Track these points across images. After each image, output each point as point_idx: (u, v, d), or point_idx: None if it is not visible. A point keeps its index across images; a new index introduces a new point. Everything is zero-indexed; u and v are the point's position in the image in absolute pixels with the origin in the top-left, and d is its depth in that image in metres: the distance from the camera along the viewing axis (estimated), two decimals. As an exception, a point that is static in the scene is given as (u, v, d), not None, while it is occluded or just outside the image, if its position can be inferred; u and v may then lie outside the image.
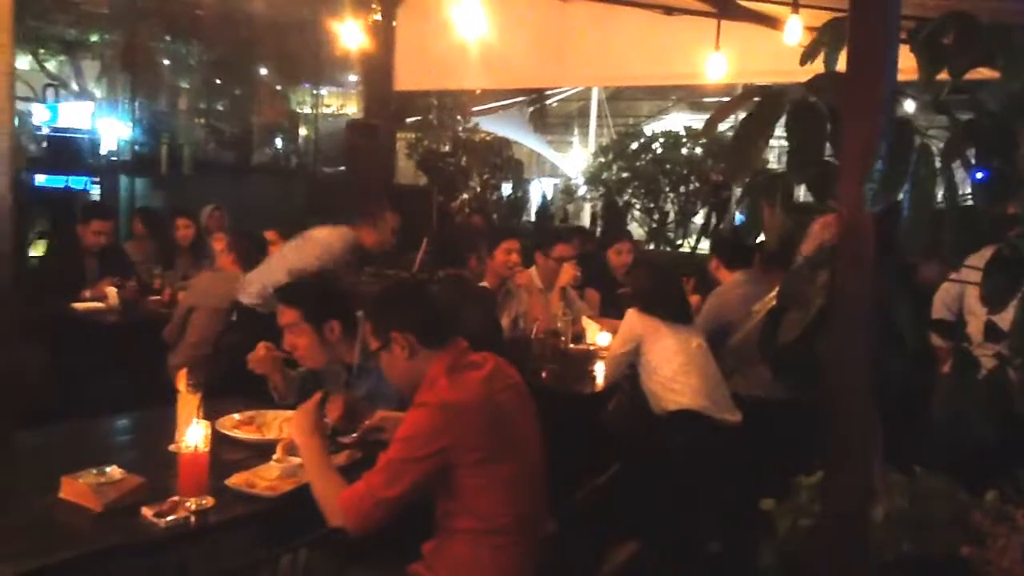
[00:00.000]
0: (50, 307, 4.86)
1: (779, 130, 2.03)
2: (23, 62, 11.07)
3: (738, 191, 11.08)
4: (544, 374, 4.13)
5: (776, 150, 12.12)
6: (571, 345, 4.62)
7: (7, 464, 2.34)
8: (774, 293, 2.10)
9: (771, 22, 5.95)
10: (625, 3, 7.05)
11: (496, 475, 2.29)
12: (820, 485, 2.12)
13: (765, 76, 6.12)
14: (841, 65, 1.94)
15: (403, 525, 2.29)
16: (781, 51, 4.92)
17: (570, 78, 10.23)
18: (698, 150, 11.53)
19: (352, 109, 15.84)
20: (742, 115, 2.08)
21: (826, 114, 1.92)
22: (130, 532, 2.17)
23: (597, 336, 4.78)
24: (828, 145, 1.94)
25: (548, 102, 17.87)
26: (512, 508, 2.33)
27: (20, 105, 10.24)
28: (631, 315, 3.96)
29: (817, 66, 2.08)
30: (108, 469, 2.32)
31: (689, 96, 17.19)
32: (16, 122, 4.68)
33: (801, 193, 2.12)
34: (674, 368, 3.80)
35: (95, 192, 9.49)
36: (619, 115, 18.35)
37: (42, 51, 11.54)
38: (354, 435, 2.71)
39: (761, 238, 2.24)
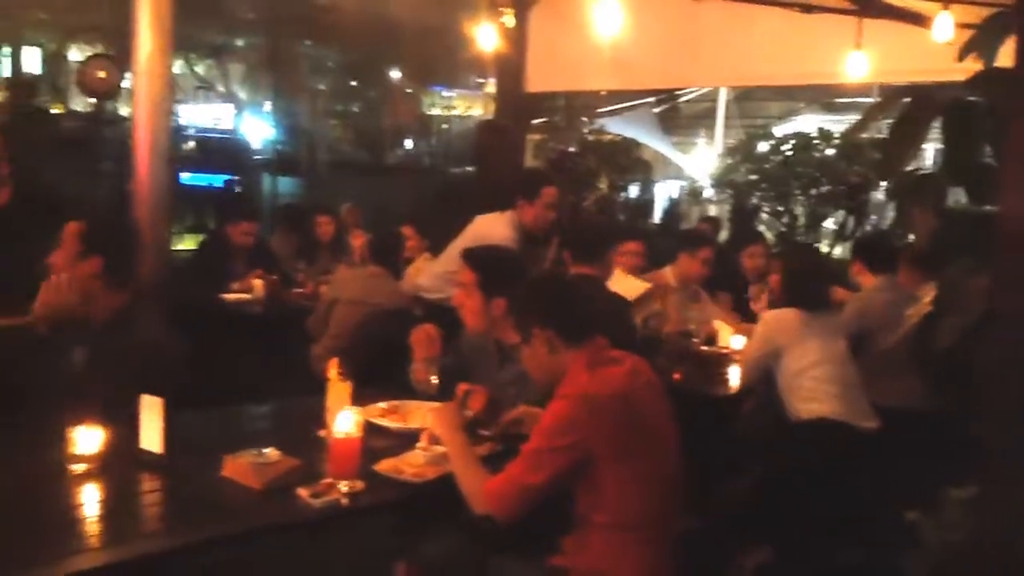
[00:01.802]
0: (201, 298, 5.15)
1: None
2: (175, 66, 11.72)
3: (877, 194, 10.74)
4: (677, 375, 4.12)
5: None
6: (703, 347, 4.59)
7: (171, 442, 2.49)
8: (929, 298, 2.05)
9: (917, 19, 5.75)
10: (760, 2, 6.94)
11: (634, 471, 2.32)
12: (973, 500, 2.06)
13: (909, 75, 5.93)
14: (1002, 61, 1.87)
15: (544, 518, 2.34)
16: (927, 48, 4.75)
17: (701, 78, 10.13)
18: (830, 152, 11.21)
19: (478, 111, 16.09)
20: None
21: (986, 113, 1.87)
22: (288, 511, 2.28)
23: (730, 339, 4.73)
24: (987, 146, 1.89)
25: (675, 103, 17.69)
26: (649, 504, 2.35)
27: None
28: (770, 317, 3.89)
29: (968, 64, 2.02)
30: (266, 451, 2.45)
31: (820, 97, 16.72)
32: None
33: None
34: (814, 375, 3.71)
35: (237, 190, 9.95)
36: (747, 116, 18.00)
37: (192, 55, 12.16)
38: (495, 428, 2.78)
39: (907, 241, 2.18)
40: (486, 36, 7.69)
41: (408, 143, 14.05)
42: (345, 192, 7.90)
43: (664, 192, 16.11)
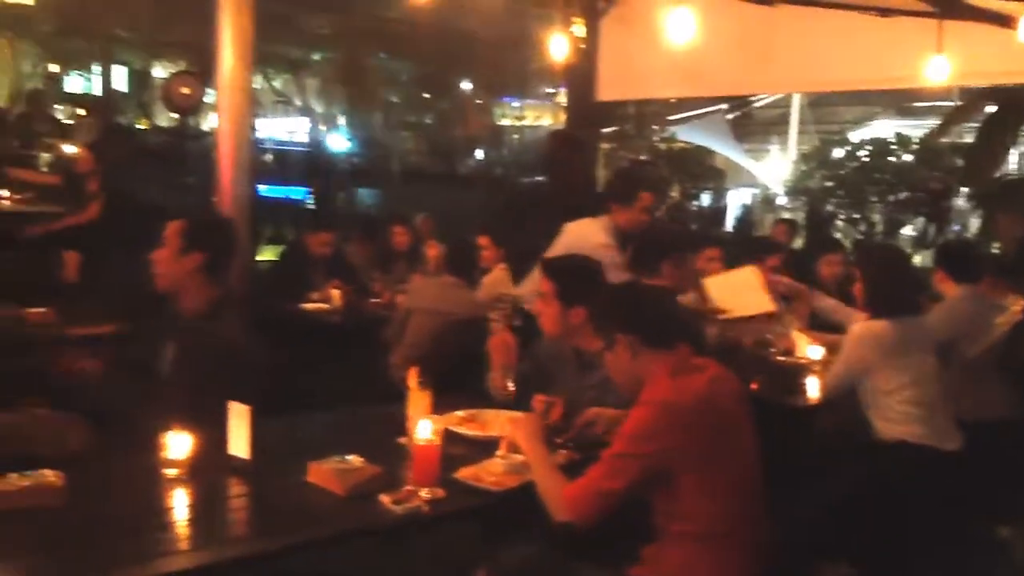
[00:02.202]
0: (281, 307, 5.27)
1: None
2: (255, 81, 12.01)
3: (959, 200, 10.48)
4: (754, 385, 4.07)
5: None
6: (781, 357, 4.52)
7: (257, 448, 2.55)
8: (1019, 306, 2.00)
9: (1001, 20, 5.60)
10: (835, 5, 6.84)
11: (715, 480, 2.31)
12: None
13: (993, 78, 5.78)
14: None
15: (623, 527, 2.34)
16: (1013, 50, 4.63)
17: (774, 85, 10.01)
18: (908, 157, 10.96)
19: (548, 121, 16.16)
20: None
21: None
22: (370, 517, 2.32)
23: (807, 349, 4.65)
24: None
25: (747, 109, 17.49)
26: (729, 514, 2.34)
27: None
28: (859, 332, 3.70)
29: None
30: (349, 457, 2.50)
31: (897, 101, 16.36)
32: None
33: None
34: (902, 398, 3.55)
35: (312, 202, 10.16)
36: (821, 122, 17.70)
37: (270, 70, 12.46)
38: (569, 433, 2.80)
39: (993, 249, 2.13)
40: (557, 46, 7.73)
41: (479, 153, 14.17)
42: (419, 202, 8.01)
43: (736, 200, 15.92)
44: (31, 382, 3.07)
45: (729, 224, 14.17)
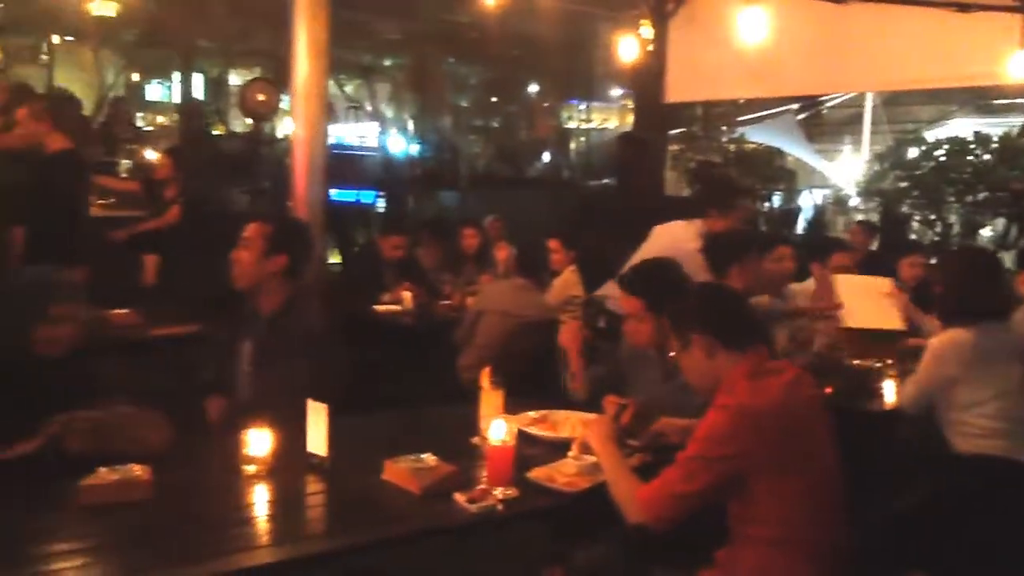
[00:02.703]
0: (354, 309, 5.36)
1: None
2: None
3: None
4: (828, 389, 4.00)
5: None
6: (855, 361, 4.44)
7: (335, 447, 2.60)
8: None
9: (1088, 14, 5.44)
10: (911, 2, 6.71)
11: (791, 484, 2.28)
12: None
13: (1080, 74, 5.59)
14: None
15: (697, 530, 2.33)
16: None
17: (847, 84, 9.84)
18: (987, 156, 10.66)
19: (614, 123, 16.11)
20: None
21: None
22: (446, 515, 2.35)
23: (883, 352, 4.56)
24: None
25: (819, 109, 17.19)
26: (807, 519, 2.31)
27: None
28: (942, 342, 3.53)
29: None
30: (424, 456, 2.54)
31: (975, 99, 15.91)
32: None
33: None
34: (985, 412, 3.41)
35: (381, 205, 10.29)
36: (895, 121, 17.29)
37: (342, 76, 12.67)
38: (642, 439, 2.79)
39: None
40: (625, 48, 7.72)
41: (546, 156, 14.21)
42: (487, 205, 8.06)
43: (808, 201, 15.66)
44: (116, 381, 3.16)
45: (801, 226, 13.94)
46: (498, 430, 2.48)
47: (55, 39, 10.53)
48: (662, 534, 2.31)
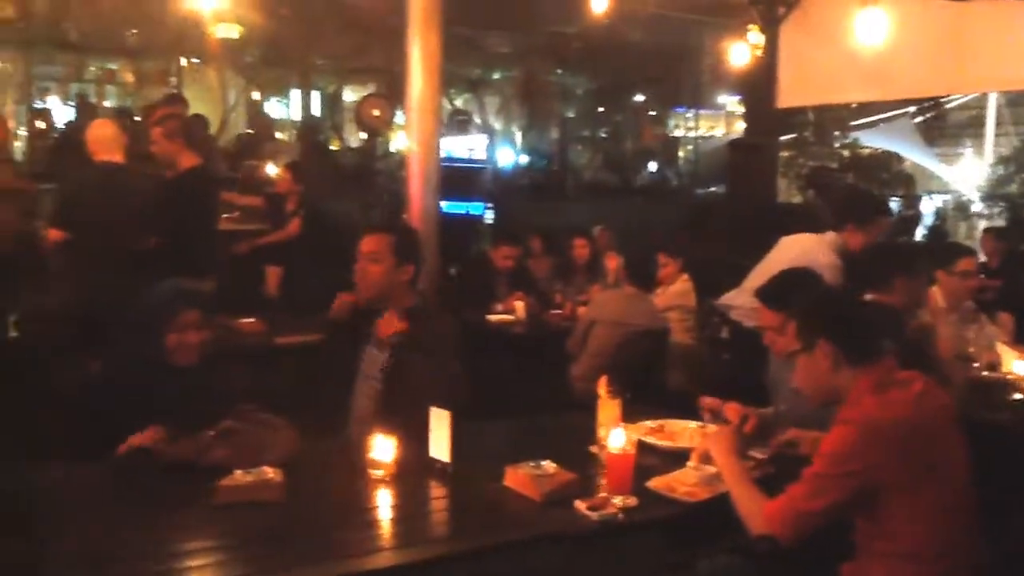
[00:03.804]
0: (467, 319, 5.44)
1: None
2: (438, 101, 12.50)
3: None
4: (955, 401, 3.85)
5: None
6: (985, 373, 4.27)
7: (457, 452, 2.66)
8: None
9: None
10: (1037, -3, 6.43)
11: (922, 500, 2.22)
12: None
13: None
14: None
15: (822, 543, 2.29)
16: None
17: (968, 84, 9.47)
18: None
19: (721, 131, 15.91)
20: None
21: None
22: (566, 522, 2.36)
23: (1013, 364, 4.36)
24: None
25: (938, 112, 16.57)
26: (938, 535, 2.24)
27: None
28: None
29: None
30: (544, 463, 2.57)
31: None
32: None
33: None
34: None
35: (490, 216, 10.39)
36: (1021, 122, 16.52)
37: (452, 90, 12.90)
38: (766, 450, 2.76)
39: None
40: (736, 54, 7.63)
41: (652, 165, 14.13)
42: (596, 215, 8.06)
43: (928, 207, 15.09)
44: (244, 388, 3.28)
45: (921, 233, 13.45)
46: (618, 439, 2.49)
47: (182, 61, 11.09)
48: (787, 547, 2.27)
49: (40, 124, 10.21)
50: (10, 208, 6.68)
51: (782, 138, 12.38)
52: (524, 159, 12.23)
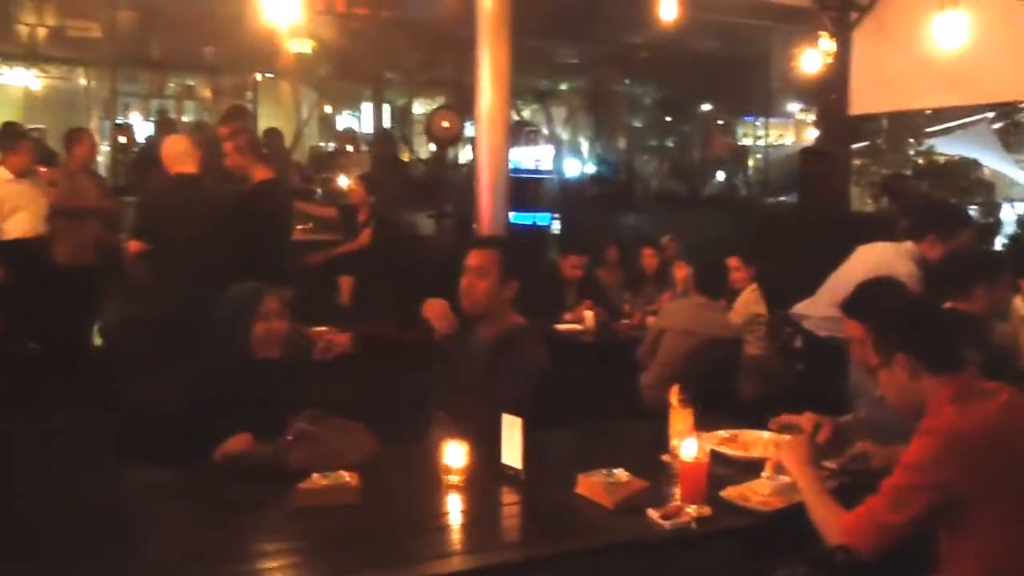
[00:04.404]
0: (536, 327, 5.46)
1: None
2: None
3: None
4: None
5: None
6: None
7: (529, 459, 2.68)
8: None
9: None
10: None
11: (1009, 512, 2.15)
12: None
13: None
14: None
15: (902, 555, 2.25)
16: None
17: (1053, 87, 9.19)
18: None
19: (790, 139, 15.70)
20: None
21: None
22: (639, 530, 2.36)
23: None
24: None
25: (1018, 117, 16.10)
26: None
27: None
28: None
29: None
30: (616, 471, 2.57)
31: None
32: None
33: None
34: None
35: (557, 227, 10.41)
36: (1106, 127, 15.93)
37: (519, 101, 12.98)
38: (840, 461, 2.72)
39: None
40: (808, 61, 7.54)
41: (720, 174, 14.02)
42: (664, 224, 8.04)
43: (1008, 215, 14.64)
44: (320, 394, 3.35)
45: (1001, 241, 13.06)
46: (691, 447, 2.49)
47: (257, 76, 11.39)
48: (867, 559, 2.23)
49: (122, 139, 10.57)
50: (94, 222, 6.95)
51: (854, 145, 12.18)
52: (591, 169, 12.23)
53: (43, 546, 3.78)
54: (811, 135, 13.60)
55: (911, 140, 13.30)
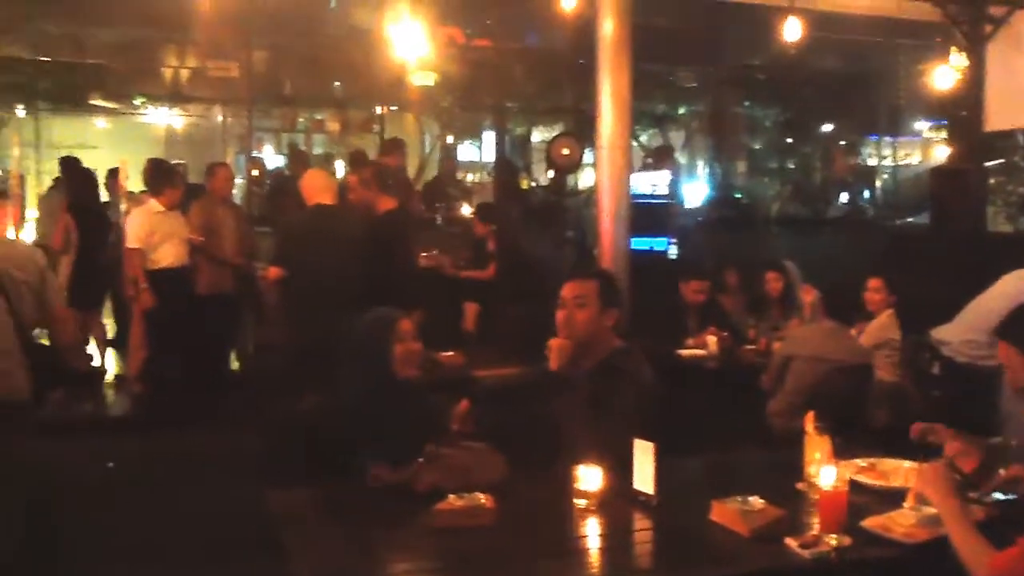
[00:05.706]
0: (659, 353, 5.44)
1: None
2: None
3: None
4: None
5: None
6: None
7: (662, 484, 2.68)
8: None
9: None
10: None
11: None
12: None
13: None
14: None
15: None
16: None
17: None
18: None
19: (917, 159, 15.19)
20: None
21: None
22: (778, 559, 2.33)
23: None
24: None
25: None
26: None
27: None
28: None
29: None
30: (751, 498, 2.54)
31: None
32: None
33: None
34: None
35: (674, 252, 10.32)
36: None
37: (637, 127, 13.00)
38: (987, 488, 2.62)
39: None
40: (939, 77, 7.31)
41: (844, 196, 13.65)
42: (786, 247, 7.89)
43: None
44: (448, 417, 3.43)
45: None
46: (829, 475, 2.44)
47: (383, 110, 11.76)
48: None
49: (254, 172, 11.07)
50: (233, 252, 7.29)
51: (989, 163, 11.68)
52: (709, 192, 12.10)
53: (190, 562, 3.99)
54: (940, 154, 13.12)
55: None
